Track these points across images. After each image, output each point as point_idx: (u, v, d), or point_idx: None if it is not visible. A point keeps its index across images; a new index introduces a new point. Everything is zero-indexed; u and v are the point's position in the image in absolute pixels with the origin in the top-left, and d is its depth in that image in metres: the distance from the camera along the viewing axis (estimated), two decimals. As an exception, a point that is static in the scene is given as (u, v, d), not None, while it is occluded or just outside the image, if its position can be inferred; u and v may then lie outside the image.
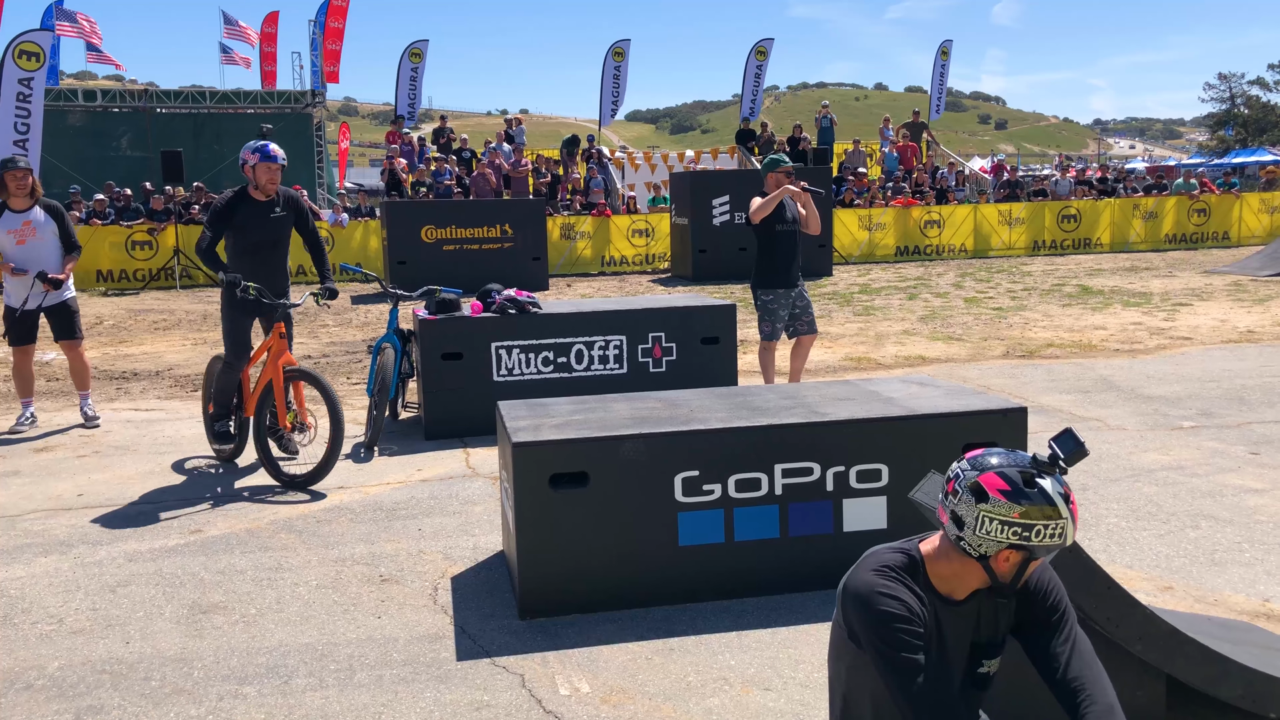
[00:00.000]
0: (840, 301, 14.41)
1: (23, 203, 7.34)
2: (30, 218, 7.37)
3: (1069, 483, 2.35)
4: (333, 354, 10.93)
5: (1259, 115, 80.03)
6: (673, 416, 4.42)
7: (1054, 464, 2.31)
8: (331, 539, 5.14)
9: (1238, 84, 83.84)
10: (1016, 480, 2.28)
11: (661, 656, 3.77)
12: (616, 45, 27.04)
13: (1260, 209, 23.26)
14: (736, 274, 17.42)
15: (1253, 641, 3.48)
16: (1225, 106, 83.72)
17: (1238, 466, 5.97)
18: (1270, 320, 11.66)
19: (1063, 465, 2.31)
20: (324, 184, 27.18)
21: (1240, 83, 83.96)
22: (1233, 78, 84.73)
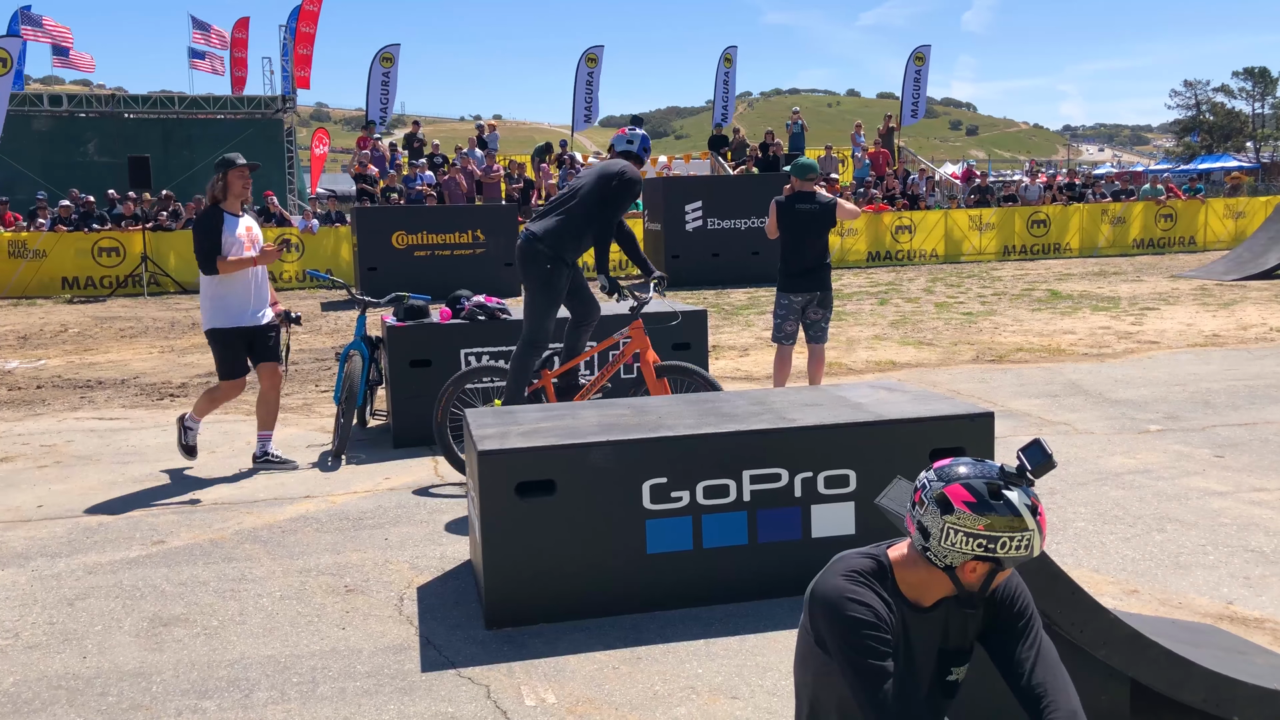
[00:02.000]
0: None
1: (238, 206, 6.49)
2: (249, 222, 6.57)
3: (1037, 493, 2.34)
4: (301, 361, 10.84)
5: (1224, 122, 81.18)
6: (641, 423, 4.39)
7: (1021, 475, 2.30)
8: (296, 549, 5.07)
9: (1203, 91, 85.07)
10: (982, 492, 2.27)
11: (629, 666, 3.74)
12: (589, 51, 27.05)
13: (1225, 214, 23.56)
14: (709, 279, 17.45)
15: (1216, 644, 3.50)
16: (1191, 113, 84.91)
17: (1202, 469, 6.02)
18: (1235, 324, 11.79)
19: (1030, 476, 2.30)
20: (294, 190, 26.98)
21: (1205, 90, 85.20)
22: (1198, 85, 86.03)
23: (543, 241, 5.81)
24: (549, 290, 5.87)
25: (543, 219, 5.91)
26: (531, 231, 5.85)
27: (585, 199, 5.89)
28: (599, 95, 27.32)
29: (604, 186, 5.90)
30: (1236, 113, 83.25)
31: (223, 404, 6.73)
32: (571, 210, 5.87)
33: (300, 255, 19.39)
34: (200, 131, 26.60)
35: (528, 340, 5.94)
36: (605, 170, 6.00)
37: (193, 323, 14.30)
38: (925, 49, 29.81)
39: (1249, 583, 4.36)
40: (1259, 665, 3.34)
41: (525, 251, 5.85)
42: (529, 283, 5.88)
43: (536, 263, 5.82)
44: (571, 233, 5.86)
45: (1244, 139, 79.38)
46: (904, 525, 2.47)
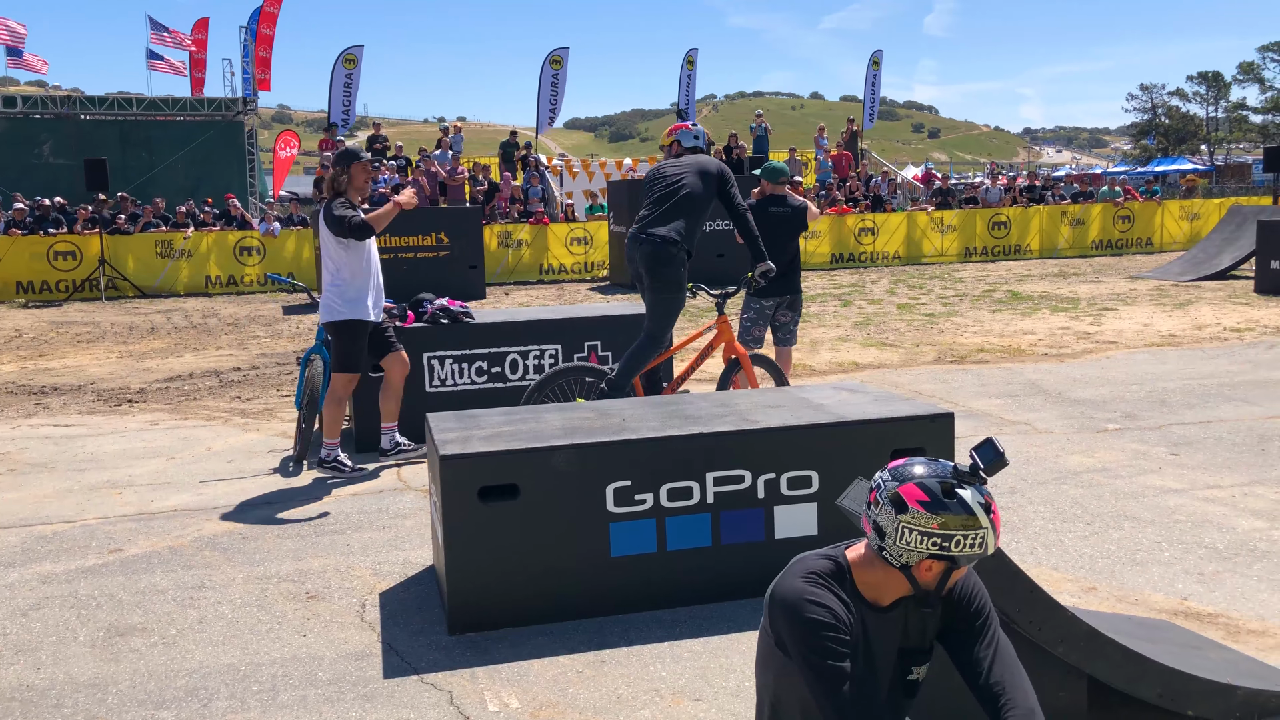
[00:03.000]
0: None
1: (358, 199, 6.31)
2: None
3: (991, 491, 2.36)
4: (263, 365, 10.73)
5: (1179, 125, 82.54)
6: (604, 426, 4.39)
7: (975, 473, 2.33)
8: (257, 556, 5.02)
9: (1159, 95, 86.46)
10: (936, 491, 2.29)
11: (593, 669, 3.73)
12: (554, 53, 27.00)
13: (1181, 216, 23.96)
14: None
15: (1171, 640, 3.55)
16: (1147, 116, 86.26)
17: (1159, 468, 6.11)
18: (1190, 324, 11.99)
19: (983, 475, 2.33)
20: (256, 193, 26.71)
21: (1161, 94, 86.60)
22: (1154, 89, 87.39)
23: (678, 245, 6.04)
24: (681, 290, 6.16)
25: (664, 223, 6.07)
26: (667, 236, 6.04)
27: (697, 198, 6.14)
28: (564, 97, 27.28)
29: (709, 184, 6.19)
30: (1191, 116, 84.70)
31: (345, 402, 6.49)
32: (690, 211, 6.12)
33: (261, 259, 19.20)
34: (159, 133, 26.25)
35: (652, 336, 6.15)
36: (704, 169, 6.23)
37: (152, 327, 14.13)
38: (879, 53, 30.06)
39: (1203, 578, 4.43)
40: (1212, 660, 3.40)
41: (662, 255, 6.03)
42: (662, 284, 6.09)
43: (674, 265, 6.06)
44: (695, 232, 6.18)
45: (1198, 142, 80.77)
46: (862, 526, 2.48)
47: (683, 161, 6.33)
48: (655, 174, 6.38)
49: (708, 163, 6.30)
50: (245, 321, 14.66)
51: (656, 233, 6.05)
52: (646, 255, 6.06)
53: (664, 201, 6.14)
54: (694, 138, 6.57)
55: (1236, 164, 59.34)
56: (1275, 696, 3.23)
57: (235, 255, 19.14)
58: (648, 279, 6.12)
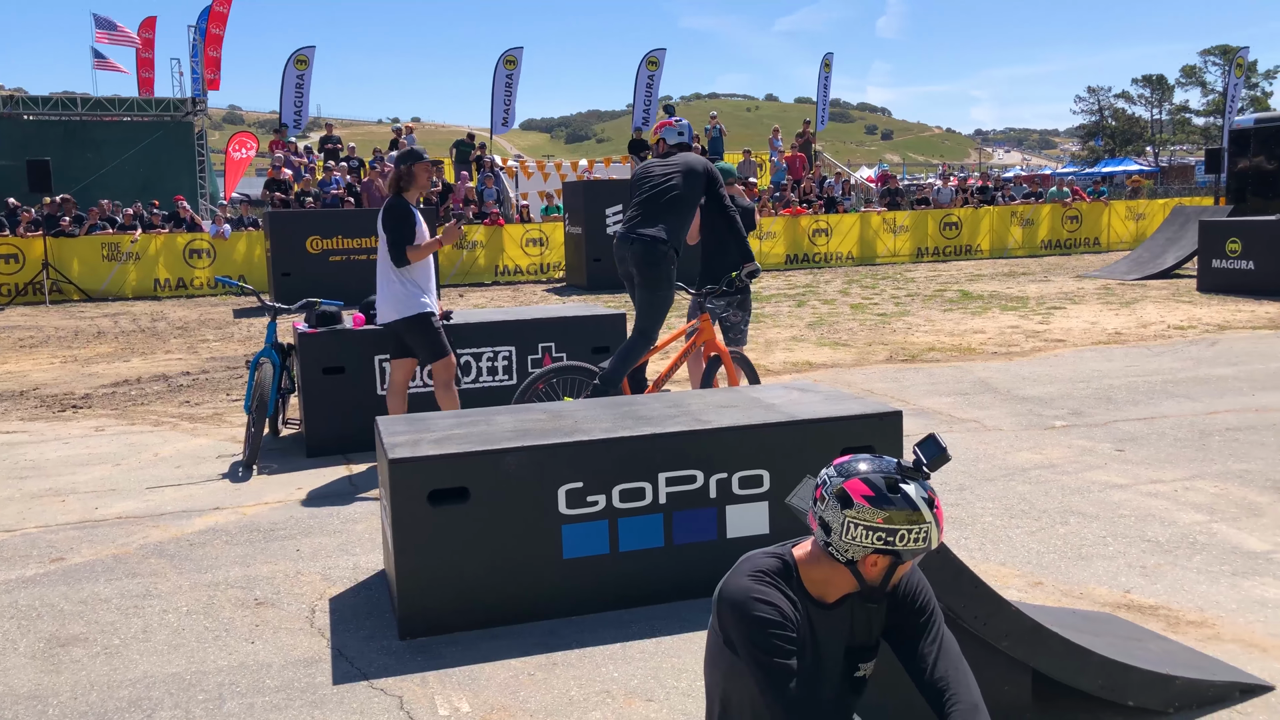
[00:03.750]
0: (731, 309, 14.56)
1: (417, 198, 6.35)
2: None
3: (938, 487, 2.39)
4: (212, 369, 10.57)
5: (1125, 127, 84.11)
6: (556, 428, 4.38)
7: (918, 469, 2.35)
8: (204, 562, 4.94)
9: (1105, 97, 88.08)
10: (880, 486, 2.32)
11: (544, 672, 3.72)
12: (508, 53, 26.92)
13: (1127, 216, 24.42)
14: (619, 283, 17.47)
15: (1113, 632, 3.62)
16: (1094, 118, 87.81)
17: (1104, 463, 6.22)
18: (1136, 322, 12.22)
19: (927, 470, 2.36)
20: (206, 194, 26.33)
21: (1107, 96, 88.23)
22: (1101, 91, 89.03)
23: (667, 243, 6.12)
24: (670, 288, 6.24)
25: (655, 222, 6.15)
26: (652, 234, 6.12)
27: (685, 197, 6.24)
28: (518, 98, 27.19)
29: (696, 183, 6.29)
30: (1136, 118, 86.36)
31: (452, 384, 6.37)
32: (677, 209, 6.21)
33: (212, 261, 18.92)
34: (105, 134, 25.79)
35: (643, 333, 6.23)
36: (691, 168, 6.30)
37: (98, 331, 13.87)
38: (829, 56, 30.32)
39: (1145, 572, 4.51)
40: (1152, 651, 3.47)
41: (652, 253, 6.11)
42: (652, 282, 6.17)
43: (663, 263, 6.14)
44: (684, 230, 6.29)
45: (1143, 144, 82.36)
46: (809, 522, 2.50)
47: (670, 161, 6.40)
48: (643, 173, 6.44)
49: (695, 162, 6.37)
50: (195, 325, 14.44)
51: (645, 232, 6.14)
52: (636, 254, 6.15)
53: (652, 201, 6.22)
54: (678, 133, 6.62)
55: (1180, 165, 60.58)
56: (1212, 686, 3.31)
57: (185, 258, 18.86)
58: (638, 277, 6.20)
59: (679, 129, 6.66)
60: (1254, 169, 19.69)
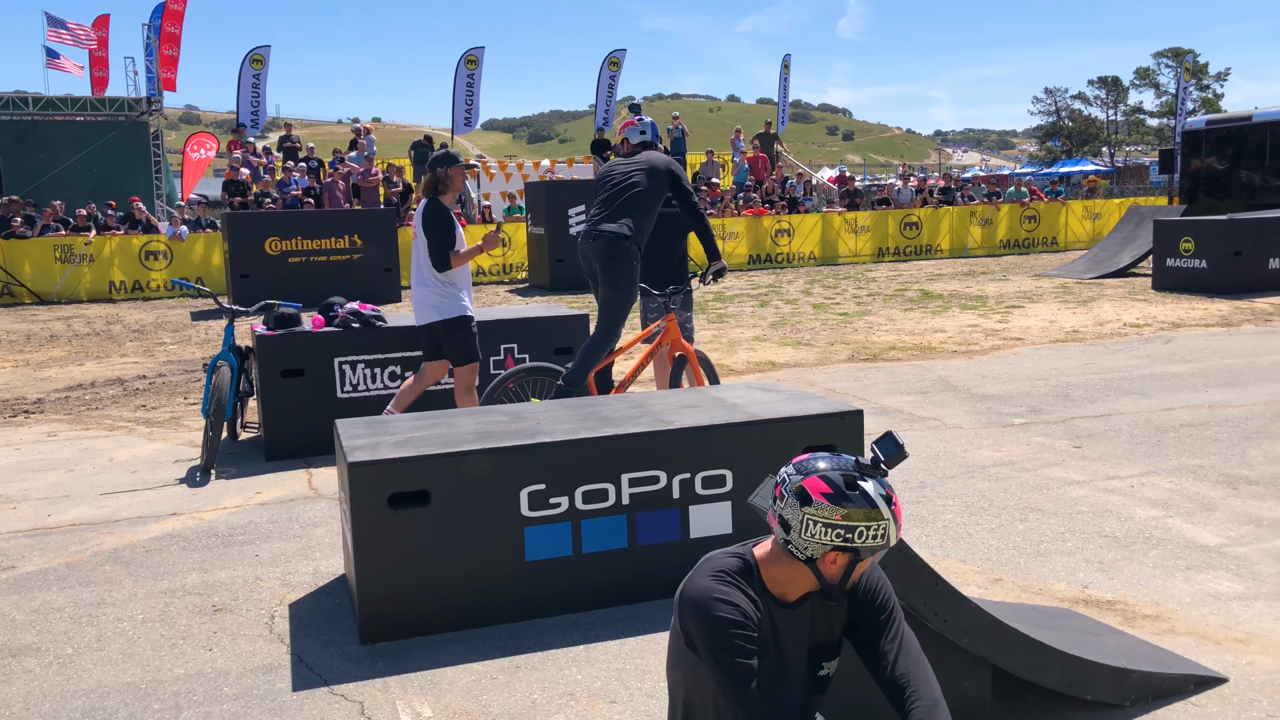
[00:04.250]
0: (695, 309, 14.58)
1: (452, 200, 6.33)
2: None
3: (898, 485, 2.41)
4: (169, 373, 10.42)
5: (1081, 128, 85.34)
6: (518, 430, 4.36)
7: (876, 466, 2.37)
8: (161, 569, 4.86)
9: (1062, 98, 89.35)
10: (839, 483, 2.33)
11: (507, 675, 3.70)
12: (469, 53, 26.77)
13: (1084, 215, 24.76)
14: (584, 283, 17.45)
15: (1072, 627, 3.66)
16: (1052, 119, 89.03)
17: (1062, 460, 6.30)
18: (1093, 320, 12.39)
19: (884, 467, 2.37)
20: (162, 195, 25.94)
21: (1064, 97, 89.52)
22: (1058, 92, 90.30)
23: (630, 240, 6.14)
24: (633, 285, 6.25)
25: (618, 219, 6.17)
26: (619, 233, 6.13)
27: (648, 194, 6.25)
28: (480, 98, 27.06)
29: (659, 181, 6.29)
30: (1092, 119, 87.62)
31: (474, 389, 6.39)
32: (641, 206, 6.22)
33: (168, 263, 18.65)
34: (58, 134, 25.29)
35: (606, 331, 6.22)
36: (654, 166, 6.33)
37: (51, 335, 13.61)
38: (788, 57, 30.47)
39: (1102, 567, 4.57)
40: (1110, 645, 3.51)
41: (614, 250, 6.12)
42: (615, 278, 6.16)
43: (627, 259, 6.15)
44: (647, 227, 6.27)
45: (1099, 144, 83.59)
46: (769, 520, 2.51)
47: (632, 159, 6.44)
48: (606, 172, 6.48)
49: (657, 160, 6.40)
50: (151, 328, 14.23)
51: (608, 229, 6.15)
52: (599, 251, 6.16)
53: (614, 199, 6.25)
54: (640, 132, 6.66)
55: (1135, 165, 61.56)
56: (1167, 678, 3.36)
57: (141, 260, 18.57)
58: (601, 274, 6.22)
59: (641, 127, 6.69)
60: (1206, 170, 20.06)
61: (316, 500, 5.90)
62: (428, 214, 6.15)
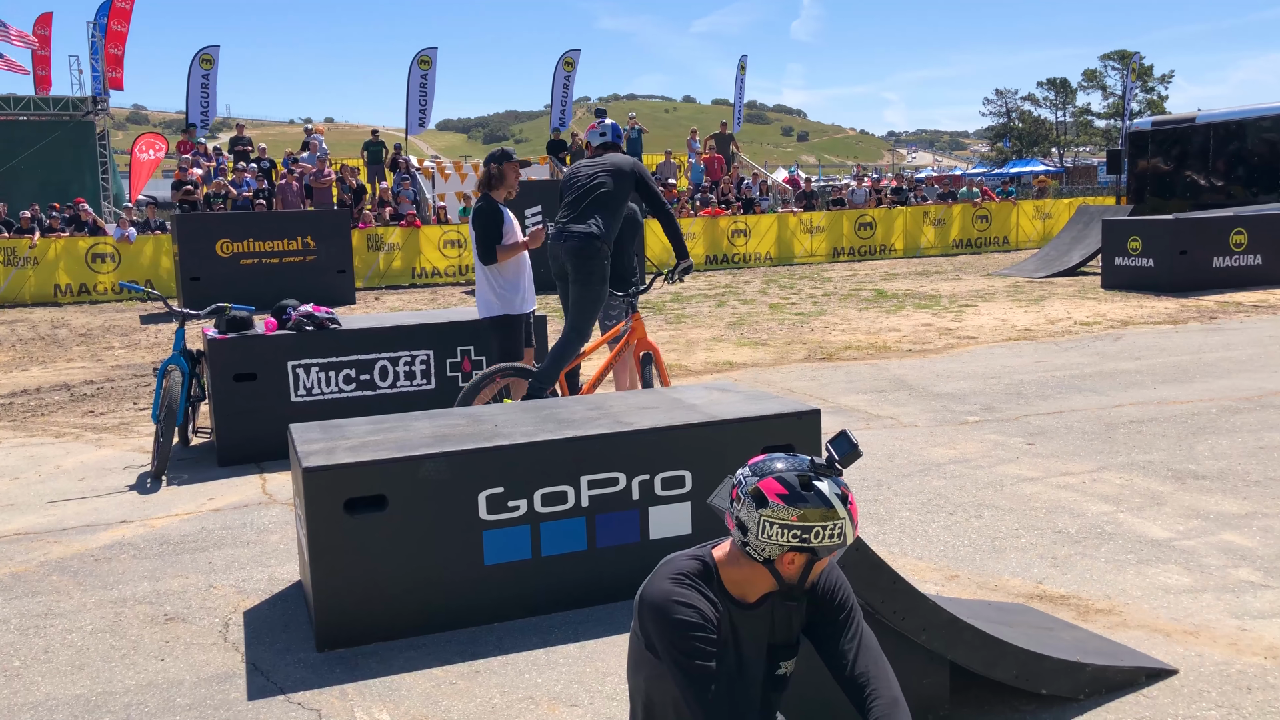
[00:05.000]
0: (652, 310, 14.61)
1: (504, 197, 6.50)
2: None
3: (854, 483, 2.42)
4: (118, 378, 10.22)
5: (1031, 129, 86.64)
6: (476, 433, 4.33)
7: (831, 466, 2.38)
8: (111, 578, 4.77)
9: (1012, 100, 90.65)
10: (794, 484, 2.33)
11: (467, 680, 3.67)
12: (422, 54, 26.59)
13: (1034, 215, 25.14)
14: (551, 284, 17.40)
15: (1027, 623, 3.70)
16: (1002, 120, 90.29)
17: (1016, 457, 6.38)
18: (1044, 319, 12.57)
19: (839, 466, 2.38)
20: (110, 196, 25.46)
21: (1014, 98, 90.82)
22: (1008, 94, 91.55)
23: (602, 239, 6.22)
24: (603, 284, 6.32)
25: (586, 219, 6.24)
26: (588, 232, 6.20)
27: (614, 194, 6.32)
28: (434, 98, 26.88)
29: (624, 180, 6.36)
30: (1042, 120, 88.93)
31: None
32: (608, 206, 6.29)
33: (116, 265, 18.31)
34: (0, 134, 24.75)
35: (577, 329, 6.31)
36: (618, 166, 6.40)
37: (-6, 339, 13.30)
38: (745, 58, 30.62)
39: (1056, 562, 4.64)
40: (1064, 640, 3.56)
41: (585, 249, 6.20)
42: (587, 277, 6.24)
43: (598, 259, 6.23)
44: (615, 227, 6.35)
45: (1049, 145, 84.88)
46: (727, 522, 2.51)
47: (596, 160, 6.53)
48: (571, 174, 6.54)
49: (622, 161, 6.48)
50: (99, 332, 13.96)
51: (577, 229, 6.24)
52: (571, 250, 6.23)
53: (581, 200, 6.33)
54: (599, 134, 6.74)
55: (1084, 166, 62.57)
56: (1120, 671, 3.41)
57: (87, 262, 18.22)
58: (572, 274, 6.29)
59: (601, 129, 6.77)
60: (1152, 170, 20.45)
61: (271, 505, 5.82)
62: (477, 211, 6.39)
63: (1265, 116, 18.47)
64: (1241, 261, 15.44)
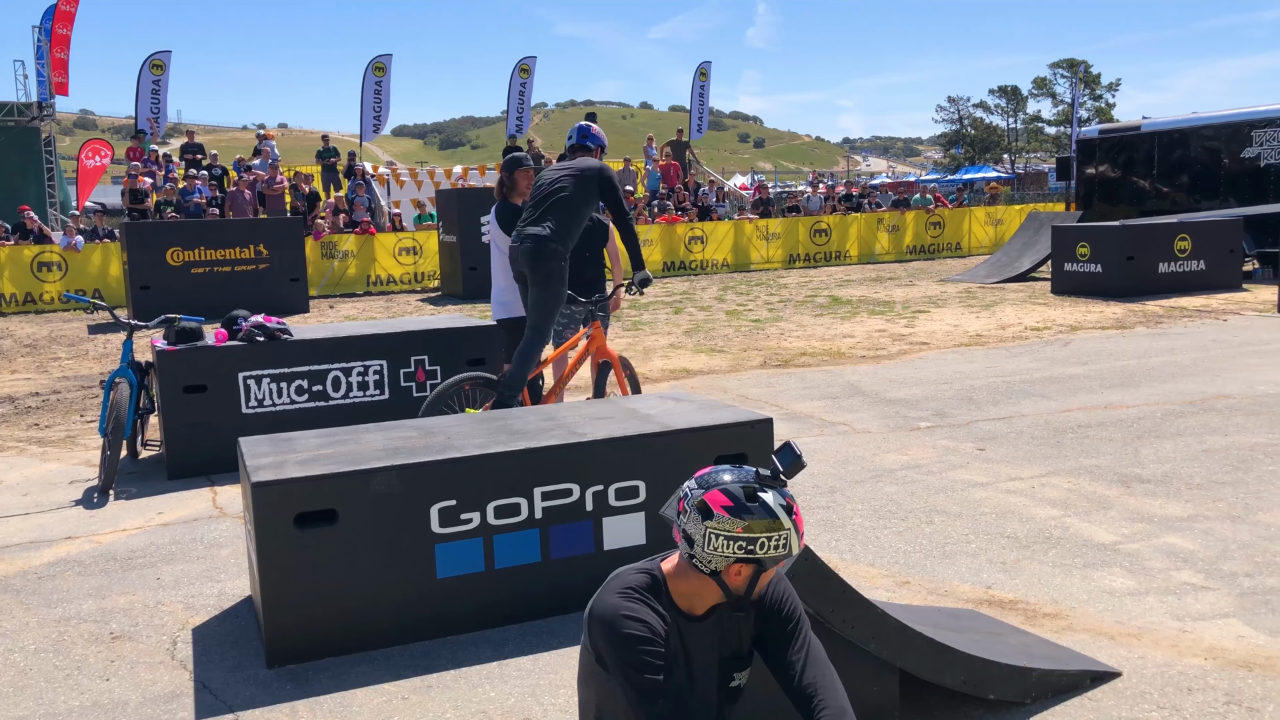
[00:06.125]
0: (611, 317, 14.59)
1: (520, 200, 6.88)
2: None
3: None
4: (65, 389, 10.04)
5: (983, 136, 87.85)
6: (428, 445, 4.31)
7: (775, 477, 2.40)
8: (55, 596, 4.68)
9: (964, 107, 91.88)
10: (739, 496, 2.36)
11: (419, 695, 3.65)
12: (377, 60, 26.43)
13: (986, 221, 25.50)
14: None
15: (975, 628, 3.76)
16: (955, 127, 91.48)
17: (966, 462, 6.47)
18: (995, 325, 12.76)
19: (783, 477, 2.40)
20: (56, 203, 25.00)
21: (966, 105, 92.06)
22: (960, 101, 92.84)
23: (555, 240, 6.25)
24: (561, 284, 6.35)
25: (542, 222, 6.30)
26: (540, 234, 6.25)
27: (572, 199, 6.35)
28: (389, 104, 26.72)
29: (586, 185, 6.41)
30: (994, 127, 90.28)
31: None
32: (565, 210, 6.32)
33: (63, 274, 17.97)
34: (-58, 139, 24.22)
35: (537, 331, 6.36)
36: (583, 171, 6.45)
37: (-64, 351, 12.99)
38: (707, 64, 30.78)
39: (1005, 567, 4.71)
40: (1011, 645, 3.62)
41: (540, 251, 6.24)
42: (544, 278, 6.29)
43: (552, 260, 6.26)
44: (573, 230, 6.37)
45: (1001, 151, 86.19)
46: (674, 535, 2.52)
47: (564, 164, 6.62)
48: (539, 178, 6.65)
49: (588, 164, 6.53)
50: (45, 342, 13.69)
51: (531, 232, 6.30)
52: (526, 253, 6.29)
53: (539, 205, 6.40)
54: (569, 137, 6.85)
55: (1035, 172, 63.60)
56: (1065, 675, 3.47)
57: (33, 271, 17.86)
58: (530, 275, 6.34)
59: (575, 131, 6.85)
60: (1099, 177, 20.81)
61: (221, 519, 5.74)
62: (503, 216, 6.82)
63: (1207, 125, 18.90)
64: (1186, 267, 15.77)
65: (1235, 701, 3.41)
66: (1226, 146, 18.46)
